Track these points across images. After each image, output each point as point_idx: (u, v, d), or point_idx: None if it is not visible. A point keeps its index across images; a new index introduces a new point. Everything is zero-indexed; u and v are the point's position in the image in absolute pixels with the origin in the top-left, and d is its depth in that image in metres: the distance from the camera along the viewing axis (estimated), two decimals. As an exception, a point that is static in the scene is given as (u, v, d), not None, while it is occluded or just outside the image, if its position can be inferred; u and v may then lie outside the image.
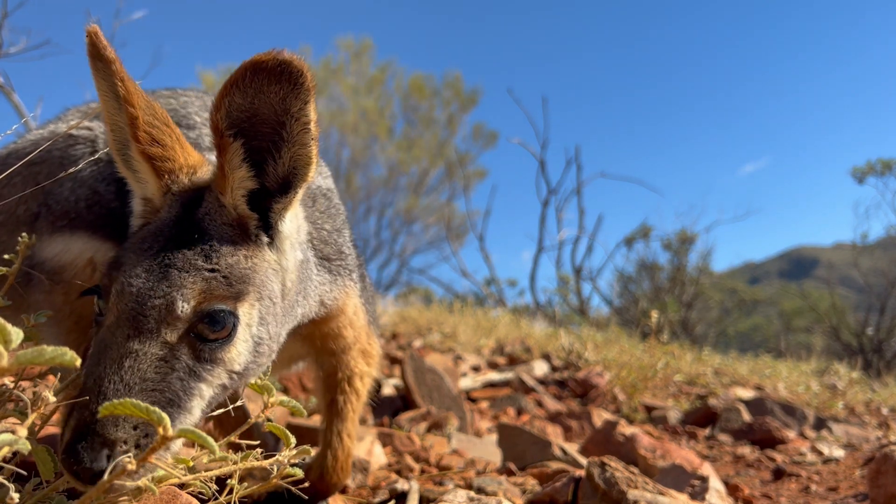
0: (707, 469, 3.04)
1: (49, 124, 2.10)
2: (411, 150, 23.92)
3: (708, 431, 4.98)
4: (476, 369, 6.41)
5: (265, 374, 1.54)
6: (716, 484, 2.81)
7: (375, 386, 2.35)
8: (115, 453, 1.19)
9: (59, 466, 1.20)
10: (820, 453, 4.16)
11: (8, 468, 1.10)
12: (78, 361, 0.94)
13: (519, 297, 23.09)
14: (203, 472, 1.34)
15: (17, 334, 0.92)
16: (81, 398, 1.24)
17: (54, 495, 1.23)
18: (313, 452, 2.11)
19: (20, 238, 1.60)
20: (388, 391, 4.52)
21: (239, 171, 1.47)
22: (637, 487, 2.16)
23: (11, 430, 0.92)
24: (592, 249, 23.78)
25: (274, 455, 1.43)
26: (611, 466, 2.22)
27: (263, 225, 1.53)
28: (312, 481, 2.07)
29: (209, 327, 1.36)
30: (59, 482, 1.22)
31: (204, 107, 2.13)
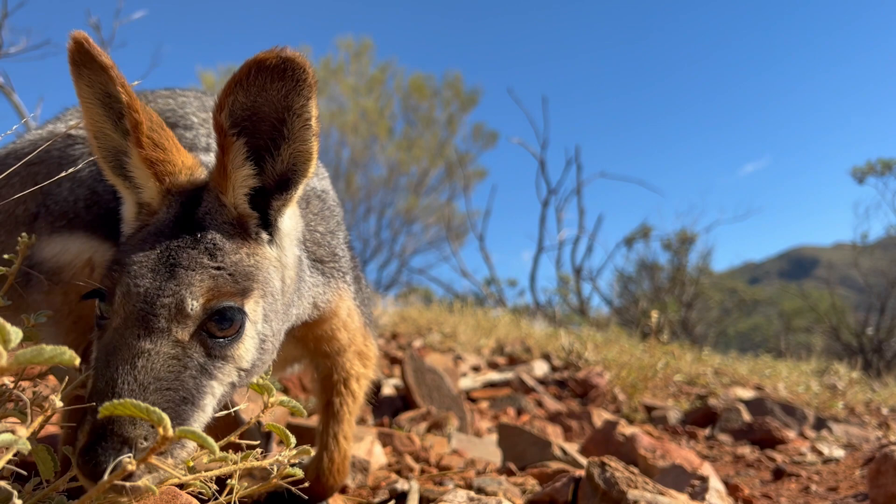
0: (707, 469, 3.04)
1: (48, 124, 2.10)
2: (411, 150, 23.92)
3: (708, 431, 4.98)
4: (476, 369, 6.41)
5: (266, 374, 1.54)
6: (716, 484, 2.81)
7: (374, 387, 2.35)
8: (137, 452, 1.19)
9: (76, 470, 1.18)
10: (820, 453, 4.16)
11: (8, 468, 1.10)
12: (77, 361, 0.94)
13: (519, 297, 23.13)
14: (203, 472, 1.34)
15: (16, 334, 0.92)
16: (93, 401, 1.23)
17: (54, 495, 1.23)
18: (313, 452, 2.11)
19: (20, 238, 1.59)
20: (388, 391, 4.51)
21: (242, 170, 1.47)
22: (637, 487, 2.16)
23: (11, 430, 0.92)
24: (592, 249, 23.80)
25: (267, 455, 1.42)
26: (611, 466, 2.22)
27: (262, 222, 1.54)
28: (309, 483, 2.07)
29: (218, 325, 1.37)
30: (59, 482, 1.22)
31: (202, 107, 2.12)
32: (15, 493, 1.02)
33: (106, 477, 1.08)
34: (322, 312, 1.90)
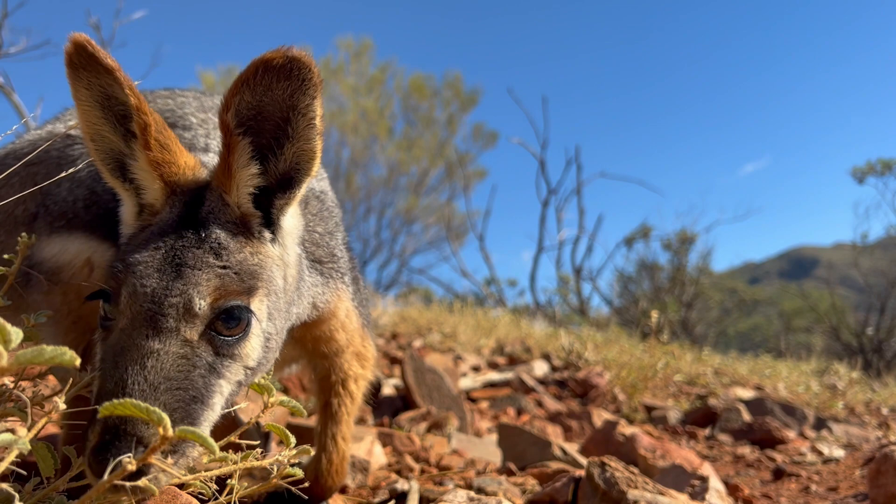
0: (707, 469, 3.04)
1: (47, 125, 2.10)
2: (411, 150, 23.92)
3: (708, 431, 4.98)
4: (476, 369, 6.41)
5: (267, 374, 1.55)
6: (716, 484, 2.81)
7: (373, 387, 2.35)
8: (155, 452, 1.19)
9: (86, 470, 1.18)
10: (820, 453, 4.16)
11: (8, 467, 1.10)
12: (77, 361, 0.93)
13: (519, 297, 23.14)
14: (203, 472, 1.34)
15: (16, 334, 0.92)
16: (102, 402, 1.23)
17: (54, 495, 1.23)
18: (313, 452, 2.11)
19: (19, 238, 1.59)
20: (388, 391, 4.51)
21: (246, 169, 1.48)
22: (637, 487, 2.16)
23: (11, 430, 0.92)
24: (592, 249, 23.81)
25: (267, 455, 1.42)
26: (611, 466, 2.22)
27: (265, 221, 1.54)
28: (308, 484, 2.07)
29: (226, 323, 1.38)
30: (60, 482, 1.22)
31: (201, 107, 2.12)
32: (17, 495, 1.02)
33: (106, 477, 1.08)
34: (321, 313, 1.90)
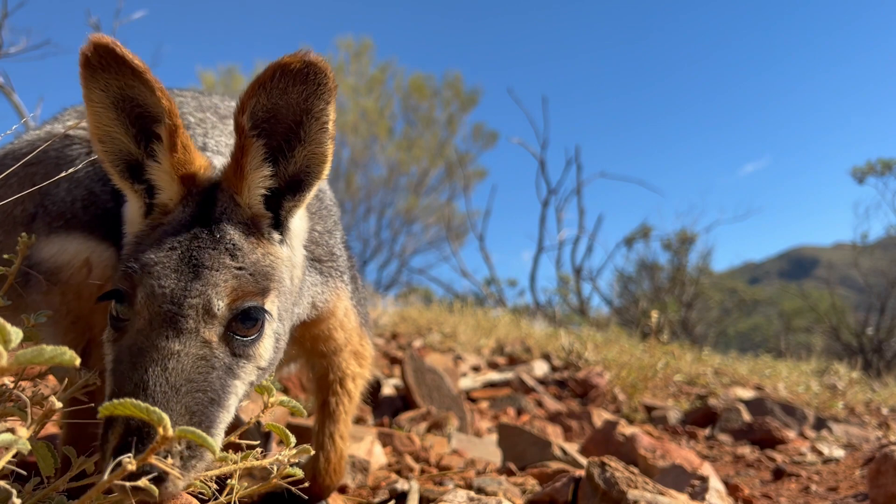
0: (707, 469, 3.04)
1: (45, 125, 2.10)
2: (411, 150, 23.92)
3: (708, 431, 4.98)
4: (476, 369, 6.40)
5: (270, 374, 1.55)
6: (716, 484, 2.81)
7: (370, 387, 2.35)
8: (173, 454, 1.19)
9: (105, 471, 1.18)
10: (820, 453, 4.16)
11: (7, 467, 1.10)
12: (77, 361, 0.93)
13: (519, 297, 23.14)
14: (203, 472, 1.34)
15: (16, 334, 0.92)
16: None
17: (54, 495, 1.23)
18: (313, 452, 2.11)
19: (19, 238, 1.59)
20: (388, 391, 4.51)
21: (259, 171, 1.49)
22: (637, 487, 2.16)
23: (11, 430, 0.92)
24: (592, 249, 23.81)
25: (266, 455, 1.43)
26: (611, 466, 2.22)
27: (273, 223, 1.55)
28: (306, 483, 2.08)
29: (243, 324, 1.38)
30: (60, 482, 1.22)
31: (199, 107, 2.12)
32: (14, 492, 1.02)
33: (106, 477, 1.08)
34: (320, 312, 1.91)
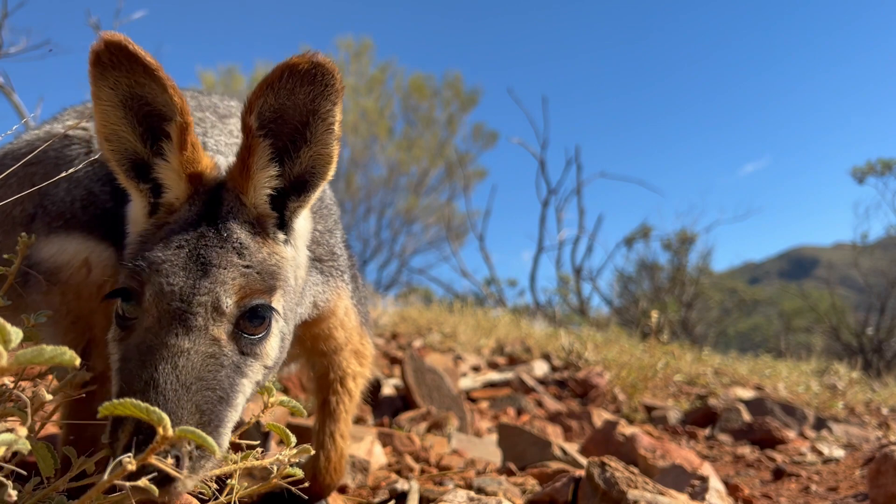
0: (707, 469, 3.04)
1: (45, 125, 2.10)
2: (411, 150, 23.92)
3: (708, 431, 4.98)
4: (476, 369, 6.40)
5: (272, 374, 1.55)
6: (716, 484, 2.81)
7: (370, 386, 2.36)
8: (183, 454, 1.19)
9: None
10: (820, 453, 4.16)
11: (7, 467, 1.10)
12: (77, 361, 0.93)
13: (519, 297, 23.14)
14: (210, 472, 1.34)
15: (16, 334, 0.92)
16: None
17: (54, 495, 1.23)
18: (313, 452, 2.11)
19: (19, 238, 1.59)
20: (388, 391, 4.51)
21: (265, 171, 1.49)
22: (637, 487, 2.16)
23: (11, 430, 0.92)
24: (592, 249, 23.82)
25: (266, 455, 1.43)
26: (611, 466, 2.22)
27: (278, 223, 1.56)
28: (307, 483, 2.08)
29: (251, 322, 1.39)
30: (60, 482, 1.22)
31: (199, 107, 2.12)
32: (9, 484, 1.02)
33: (106, 476, 1.08)
34: (320, 311, 1.91)
